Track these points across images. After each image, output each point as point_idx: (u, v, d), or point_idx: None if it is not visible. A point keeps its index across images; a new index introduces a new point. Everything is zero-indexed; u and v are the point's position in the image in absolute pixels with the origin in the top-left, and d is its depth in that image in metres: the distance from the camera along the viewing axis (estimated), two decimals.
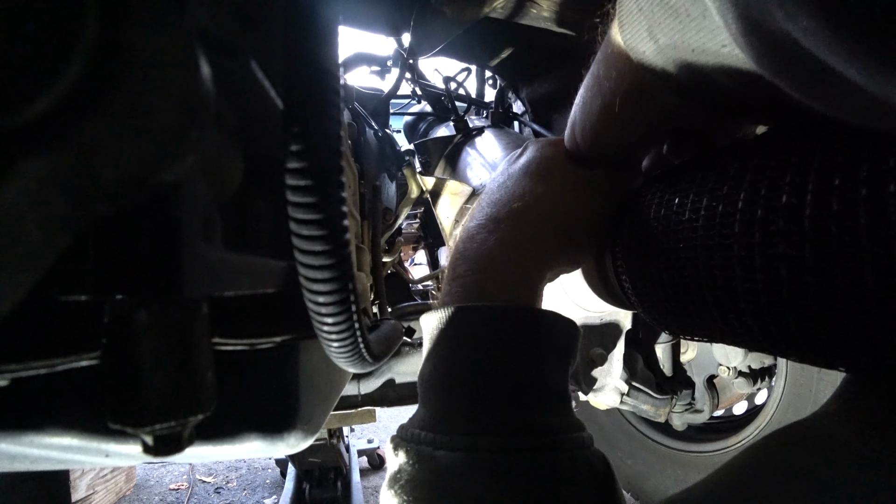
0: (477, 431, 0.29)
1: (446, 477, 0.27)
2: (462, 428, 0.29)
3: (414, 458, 0.29)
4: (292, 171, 0.22)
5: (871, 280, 0.20)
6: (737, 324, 0.28)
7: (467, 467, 0.27)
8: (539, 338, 0.32)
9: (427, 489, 0.28)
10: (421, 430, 0.30)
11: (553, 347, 0.33)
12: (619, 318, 0.91)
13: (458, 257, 0.36)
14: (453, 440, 0.28)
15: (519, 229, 0.35)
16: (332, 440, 1.64)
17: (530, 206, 0.36)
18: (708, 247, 0.28)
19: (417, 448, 0.29)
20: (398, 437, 0.32)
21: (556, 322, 0.33)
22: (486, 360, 0.31)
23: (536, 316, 0.33)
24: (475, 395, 0.30)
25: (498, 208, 0.37)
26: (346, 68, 1.03)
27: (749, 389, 1.19)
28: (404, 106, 1.45)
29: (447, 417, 0.30)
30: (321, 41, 0.22)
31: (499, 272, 0.34)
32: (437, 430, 0.30)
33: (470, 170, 0.99)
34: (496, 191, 0.39)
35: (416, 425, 0.31)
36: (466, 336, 0.32)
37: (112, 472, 1.97)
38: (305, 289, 0.25)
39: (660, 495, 1.40)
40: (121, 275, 0.19)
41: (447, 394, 0.31)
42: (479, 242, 0.35)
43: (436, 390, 0.32)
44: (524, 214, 0.36)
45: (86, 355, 0.26)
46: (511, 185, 0.38)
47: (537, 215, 0.36)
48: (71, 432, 0.30)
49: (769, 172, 0.25)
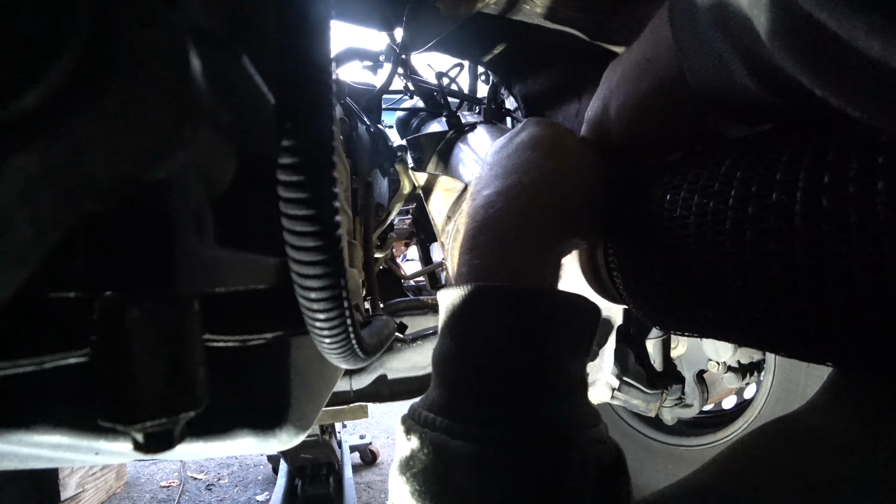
0: (491, 423, 0.28)
1: (459, 469, 0.27)
2: (477, 417, 0.29)
3: (428, 446, 0.29)
4: (284, 166, 0.22)
5: (860, 277, 0.21)
6: (727, 320, 0.29)
7: (479, 461, 0.27)
8: (561, 323, 0.31)
9: (440, 482, 0.27)
10: (437, 416, 0.30)
11: (573, 333, 0.32)
12: (610, 314, 0.92)
13: (475, 226, 0.34)
14: (468, 429, 0.28)
15: (537, 200, 0.34)
16: (325, 436, 1.64)
17: (547, 177, 0.35)
18: (699, 244, 0.28)
19: (432, 435, 0.29)
20: (411, 419, 0.31)
21: (577, 305, 0.33)
22: (504, 345, 0.30)
23: (555, 300, 0.32)
24: (491, 383, 0.29)
25: (516, 177, 0.35)
26: (339, 63, 1.02)
27: (738, 384, 1.21)
28: (397, 101, 1.44)
29: (463, 403, 0.30)
30: (313, 36, 0.22)
31: (519, 243, 0.33)
32: (452, 417, 0.29)
33: (462, 166, 0.99)
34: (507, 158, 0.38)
35: (431, 408, 0.30)
36: (482, 318, 0.31)
37: (102, 470, 1.96)
38: (297, 285, 0.25)
39: (651, 489, 1.41)
40: (111, 271, 0.19)
41: (462, 378, 0.30)
42: (497, 211, 0.34)
43: (452, 372, 0.31)
44: (540, 185, 0.35)
45: (75, 352, 0.26)
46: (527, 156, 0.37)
47: (554, 186, 0.35)
48: (60, 430, 0.30)
49: (760, 170, 0.25)
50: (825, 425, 0.27)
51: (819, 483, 0.23)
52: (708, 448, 1.32)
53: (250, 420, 0.33)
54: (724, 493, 0.25)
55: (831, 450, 0.25)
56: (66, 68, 0.13)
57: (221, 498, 2.06)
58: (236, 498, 2.06)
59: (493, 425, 0.28)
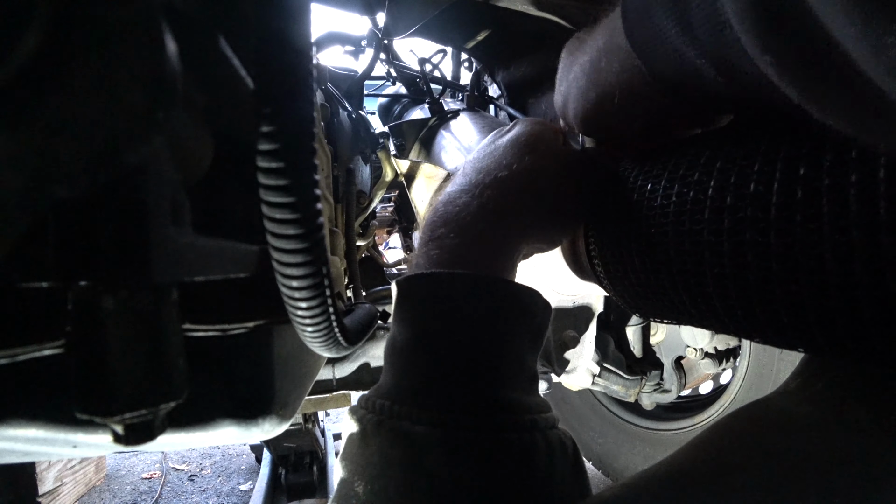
0: (454, 408, 0.28)
1: (421, 455, 0.26)
2: (438, 403, 0.28)
3: (387, 433, 0.28)
4: (264, 152, 0.22)
5: (831, 266, 0.21)
6: (704, 307, 0.29)
7: (444, 446, 0.26)
8: (518, 314, 0.31)
9: (404, 469, 0.27)
10: (394, 403, 0.29)
11: (529, 325, 0.32)
12: (591, 302, 0.93)
13: (436, 220, 0.34)
14: (429, 415, 0.27)
15: (503, 198, 0.34)
16: (308, 425, 1.64)
17: (515, 177, 0.35)
18: (678, 232, 0.29)
19: (392, 423, 0.28)
20: (362, 409, 0.30)
21: (533, 299, 0.33)
22: (463, 333, 0.30)
23: (516, 291, 0.32)
24: (451, 369, 0.29)
25: (483, 175, 0.36)
26: (319, 48, 1.00)
27: (715, 370, 1.24)
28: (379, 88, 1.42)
29: (421, 390, 0.29)
30: (293, 19, 0.22)
31: (478, 238, 0.33)
32: (411, 404, 0.28)
33: (445, 153, 0.99)
34: (482, 159, 0.38)
35: (385, 396, 0.30)
36: (445, 304, 0.30)
37: (81, 463, 1.93)
38: (279, 273, 0.24)
39: (630, 472, 1.44)
40: (84, 260, 0.18)
41: (420, 364, 0.30)
42: (460, 206, 0.34)
43: (408, 359, 0.30)
44: (508, 184, 0.35)
45: (50, 344, 0.26)
46: (498, 155, 0.37)
47: (522, 186, 0.35)
48: (36, 423, 0.29)
49: (739, 161, 0.26)
50: (796, 409, 0.28)
51: (788, 462, 0.24)
52: (685, 432, 1.35)
53: (232, 410, 0.33)
54: (700, 474, 0.26)
55: (800, 431, 0.26)
56: (32, 47, 0.13)
57: (204, 488, 2.05)
58: (219, 488, 2.05)
59: (459, 411, 0.28)
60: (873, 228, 0.20)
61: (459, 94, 1.28)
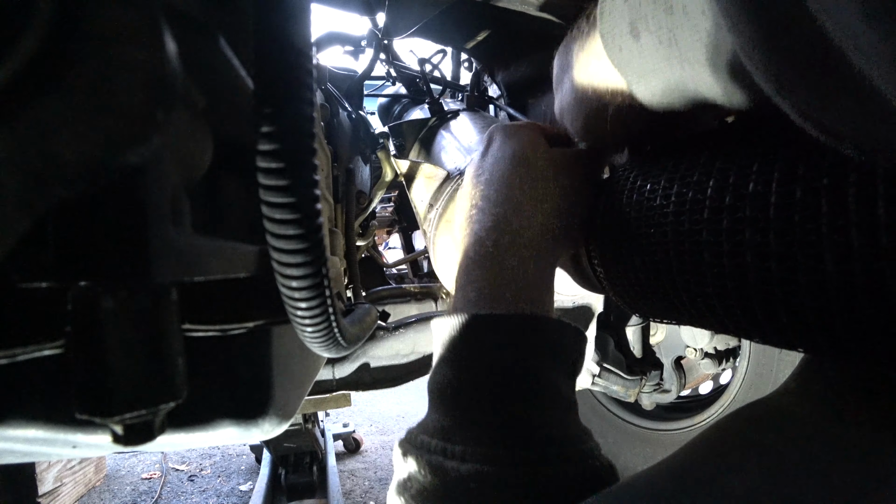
0: (489, 443, 0.29)
1: (458, 489, 0.28)
2: (474, 439, 0.29)
3: (425, 467, 0.29)
4: (264, 153, 0.22)
5: (829, 266, 0.21)
6: (704, 307, 0.29)
7: (478, 480, 0.27)
8: (551, 348, 0.32)
9: (439, 500, 0.28)
10: (431, 438, 0.30)
11: (563, 357, 0.33)
12: (590, 302, 0.93)
13: (469, 263, 0.36)
14: (465, 451, 0.28)
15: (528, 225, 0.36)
16: (308, 425, 1.64)
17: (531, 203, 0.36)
18: (678, 232, 0.29)
19: (429, 457, 0.29)
20: (407, 442, 0.32)
21: (566, 331, 0.34)
22: (498, 371, 0.31)
23: (549, 326, 0.33)
24: (487, 406, 0.30)
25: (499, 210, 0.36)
26: (319, 48, 1.00)
27: (714, 370, 1.24)
28: (378, 88, 1.42)
29: (459, 427, 0.30)
30: (293, 19, 0.22)
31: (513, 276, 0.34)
32: (449, 440, 0.29)
33: (445, 153, 0.99)
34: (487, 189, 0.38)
35: (427, 432, 0.31)
36: (480, 345, 0.32)
37: (80, 463, 1.92)
38: (278, 273, 0.24)
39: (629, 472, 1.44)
40: (84, 260, 0.18)
41: (459, 403, 0.31)
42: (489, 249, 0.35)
43: (448, 398, 0.32)
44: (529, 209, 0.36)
45: (49, 344, 0.25)
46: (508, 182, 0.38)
47: (542, 206, 0.36)
48: (36, 424, 0.29)
49: (738, 160, 0.26)
50: (795, 409, 0.28)
51: (788, 462, 0.24)
52: (685, 432, 1.35)
53: (232, 410, 0.33)
54: (699, 474, 0.26)
55: (800, 431, 0.26)
56: (31, 48, 0.13)
57: (204, 489, 2.05)
58: (219, 488, 2.05)
59: (492, 445, 0.28)
60: (872, 228, 0.20)
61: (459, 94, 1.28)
